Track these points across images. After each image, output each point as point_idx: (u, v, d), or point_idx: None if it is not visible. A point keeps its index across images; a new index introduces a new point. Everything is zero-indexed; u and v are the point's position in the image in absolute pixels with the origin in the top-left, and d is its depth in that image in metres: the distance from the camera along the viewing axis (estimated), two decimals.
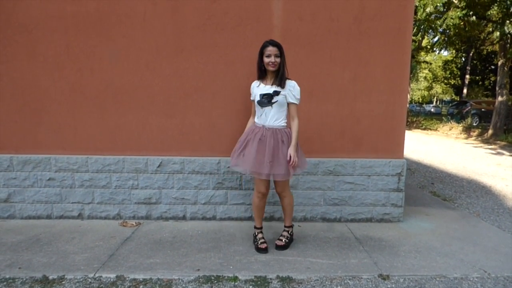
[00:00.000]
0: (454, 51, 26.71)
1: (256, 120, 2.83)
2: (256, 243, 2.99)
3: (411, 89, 39.87)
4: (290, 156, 2.67)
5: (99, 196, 3.63)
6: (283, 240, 3.01)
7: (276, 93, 2.71)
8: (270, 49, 2.68)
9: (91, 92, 3.50)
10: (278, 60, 2.68)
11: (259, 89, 2.81)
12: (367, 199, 3.70)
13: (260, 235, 3.01)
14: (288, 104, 2.76)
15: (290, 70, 3.08)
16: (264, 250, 2.92)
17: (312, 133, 3.59)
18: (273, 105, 2.72)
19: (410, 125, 20.35)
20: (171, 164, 3.59)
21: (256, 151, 2.67)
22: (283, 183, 2.86)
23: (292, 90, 2.74)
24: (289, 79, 2.77)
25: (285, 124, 2.78)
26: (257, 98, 2.77)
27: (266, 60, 2.69)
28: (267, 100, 2.72)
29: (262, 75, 2.80)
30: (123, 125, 3.56)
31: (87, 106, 3.52)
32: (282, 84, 2.73)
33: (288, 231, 3.07)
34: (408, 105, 21.28)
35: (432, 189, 5.50)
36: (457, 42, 15.99)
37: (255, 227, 3.04)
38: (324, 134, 3.60)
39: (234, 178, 3.64)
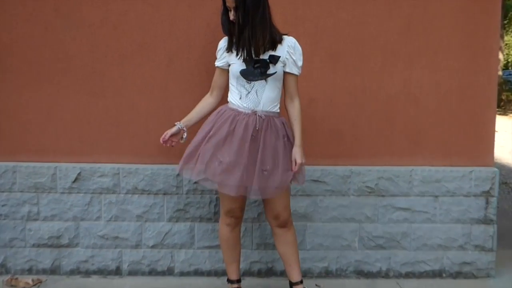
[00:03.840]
0: None
1: (236, 100, 1.79)
2: None
3: (506, 45, 22.28)
4: (296, 160, 1.78)
5: None
6: None
7: (274, 59, 1.71)
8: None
9: None
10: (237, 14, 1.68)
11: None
12: (433, 237, 2.26)
13: None
14: (286, 75, 1.79)
15: (299, 17, 2.10)
16: None
17: (338, 123, 2.22)
18: (269, 78, 1.75)
19: (506, 107, 12.97)
20: (97, 176, 2.17)
21: (248, 153, 1.71)
22: (284, 201, 1.85)
23: (292, 52, 1.75)
24: (285, 34, 1.78)
25: (277, 109, 1.82)
26: (240, 66, 1.75)
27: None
28: (260, 70, 1.72)
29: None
30: (10, 110, 2.15)
31: None
32: (275, 44, 1.73)
33: None
34: (500, 73, 12.67)
35: None
36: None
37: (228, 281, 1.98)
38: (359, 125, 2.25)
39: (206, 200, 2.21)
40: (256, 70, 1.71)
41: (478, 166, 2.24)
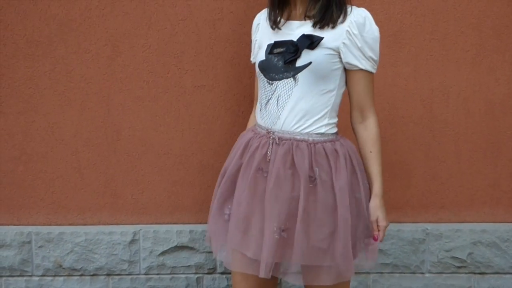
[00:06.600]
0: None
1: (257, 114, 1.16)
2: None
3: None
4: (378, 221, 1.02)
5: None
6: None
7: (312, 41, 0.99)
8: None
9: None
10: None
11: (270, 33, 1.10)
12: None
13: None
14: (349, 73, 1.04)
15: None
16: None
17: (400, 153, 1.40)
18: (301, 75, 1.01)
19: None
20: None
21: (249, 198, 1.05)
22: None
23: (362, 31, 0.99)
24: (350, 4, 1.04)
25: (326, 130, 1.04)
26: (261, 55, 1.10)
27: None
28: (283, 58, 1.04)
29: None
30: None
31: None
32: (331, 16, 0.99)
33: None
34: None
35: None
36: None
37: None
38: (436, 155, 1.46)
39: (180, 284, 1.36)
40: (279, 58, 1.05)
41: None
